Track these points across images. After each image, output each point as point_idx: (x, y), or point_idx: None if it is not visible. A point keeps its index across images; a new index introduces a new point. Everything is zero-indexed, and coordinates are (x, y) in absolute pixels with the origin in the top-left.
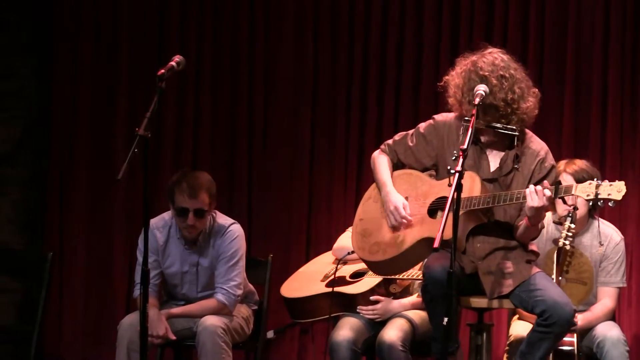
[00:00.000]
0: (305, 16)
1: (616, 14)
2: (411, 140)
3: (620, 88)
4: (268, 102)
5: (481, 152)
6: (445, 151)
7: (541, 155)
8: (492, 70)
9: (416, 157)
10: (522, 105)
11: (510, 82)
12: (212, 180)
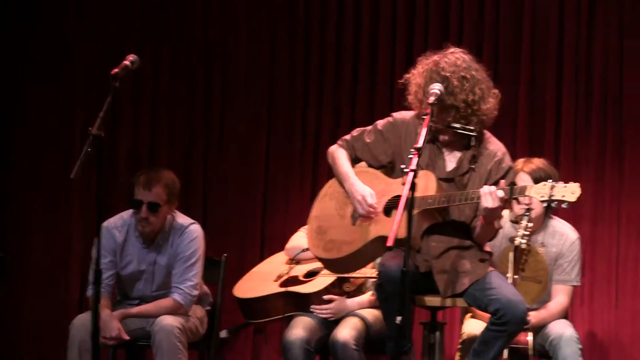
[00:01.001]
0: (260, 16)
1: (570, 13)
2: (369, 137)
3: (574, 86)
4: (224, 102)
5: (438, 152)
6: (402, 149)
7: (498, 156)
8: (454, 71)
9: (373, 153)
10: (482, 106)
11: (471, 83)
12: (174, 178)
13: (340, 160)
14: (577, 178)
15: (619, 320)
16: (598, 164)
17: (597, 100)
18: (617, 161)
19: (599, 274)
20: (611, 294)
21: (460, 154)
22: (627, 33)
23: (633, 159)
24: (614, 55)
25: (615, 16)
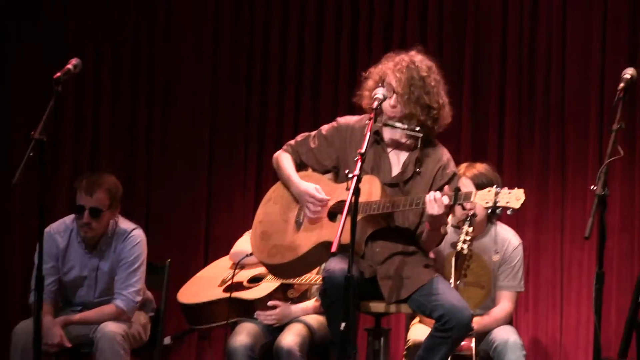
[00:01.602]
0: (205, 15)
1: (514, 17)
2: (313, 142)
3: (517, 91)
4: (167, 105)
5: (383, 154)
6: (347, 153)
7: (443, 162)
8: (431, 70)
9: (317, 158)
10: (443, 111)
11: (441, 86)
12: (116, 183)
13: (285, 164)
14: (521, 184)
15: (564, 326)
16: (541, 170)
17: (540, 106)
18: (560, 167)
19: (543, 280)
20: (556, 300)
21: (405, 157)
22: (569, 39)
23: (576, 165)
24: (557, 60)
25: (557, 22)
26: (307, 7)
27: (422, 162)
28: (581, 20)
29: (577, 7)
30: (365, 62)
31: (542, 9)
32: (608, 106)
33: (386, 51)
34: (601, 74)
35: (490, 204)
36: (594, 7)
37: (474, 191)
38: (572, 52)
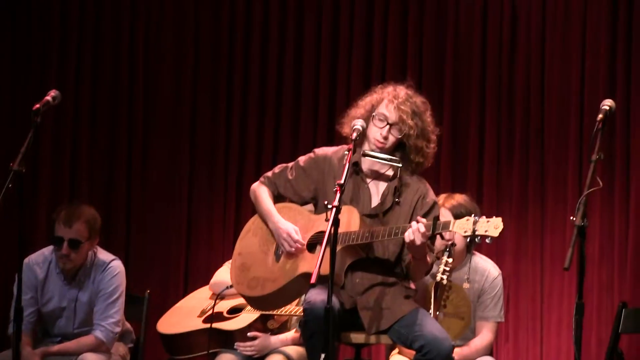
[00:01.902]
0: (185, 43)
1: (492, 47)
2: (291, 174)
3: (496, 121)
4: (146, 135)
5: (362, 184)
6: (325, 184)
7: (422, 191)
8: (426, 107)
9: (295, 189)
10: (433, 149)
11: (433, 122)
12: (95, 214)
13: (262, 197)
14: (500, 213)
15: (544, 357)
16: (521, 199)
17: (519, 136)
18: (540, 196)
19: (523, 310)
20: (536, 330)
21: (384, 188)
22: (548, 68)
23: (555, 194)
24: (536, 90)
25: (536, 51)
26: (286, 40)
27: (401, 192)
28: (560, 49)
29: (556, 35)
30: (345, 93)
31: (521, 38)
32: (587, 135)
33: (365, 82)
34: (580, 104)
35: (468, 232)
36: (572, 35)
37: (453, 220)
38: (550, 83)
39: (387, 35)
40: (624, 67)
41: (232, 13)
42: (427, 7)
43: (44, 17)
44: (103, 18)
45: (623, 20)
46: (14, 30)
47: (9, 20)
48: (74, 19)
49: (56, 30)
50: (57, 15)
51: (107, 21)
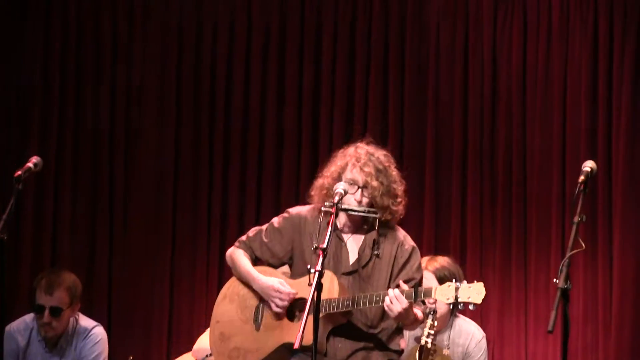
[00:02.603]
0: (168, 94)
1: (474, 101)
2: (266, 236)
3: (479, 180)
4: (127, 195)
5: (340, 242)
6: (302, 243)
7: (400, 239)
8: (389, 162)
9: (272, 251)
10: (405, 197)
11: (398, 174)
12: (76, 280)
13: (240, 261)
14: (483, 274)
15: None
16: (504, 261)
17: (502, 197)
18: (522, 258)
19: None
20: None
21: (362, 241)
22: (528, 128)
23: (538, 256)
24: (518, 150)
25: (518, 108)
26: (267, 91)
27: (379, 244)
28: (541, 108)
29: (537, 94)
30: (326, 146)
31: (502, 96)
32: (570, 196)
33: (347, 133)
34: (562, 164)
35: (451, 299)
36: (553, 95)
37: (434, 287)
38: (532, 143)
39: (369, 91)
40: (605, 127)
41: (213, 64)
42: (407, 63)
43: (24, 78)
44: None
45: (603, 79)
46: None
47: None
48: (55, 78)
49: (39, 89)
50: (39, 74)
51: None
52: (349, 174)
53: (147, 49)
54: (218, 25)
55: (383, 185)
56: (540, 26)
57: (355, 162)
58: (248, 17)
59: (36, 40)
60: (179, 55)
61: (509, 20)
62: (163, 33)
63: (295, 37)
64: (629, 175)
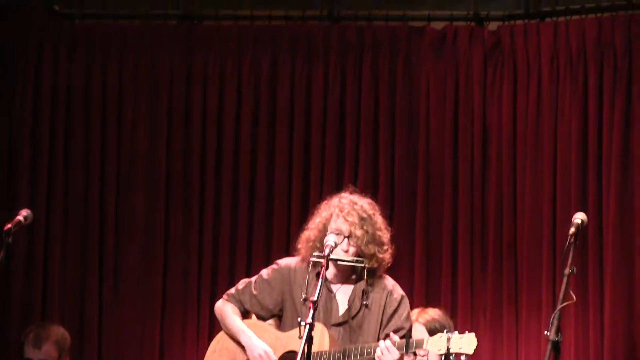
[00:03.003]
0: (159, 152)
1: (465, 157)
2: (255, 288)
3: (469, 234)
4: (119, 248)
5: (329, 294)
6: (292, 294)
7: (388, 289)
8: (373, 211)
9: (262, 304)
10: (386, 246)
11: (384, 223)
12: (64, 334)
13: (229, 315)
14: (475, 326)
15: None
16: (495, 312)
17: (492, 250)
18: (513, 309)
19: None
20: None
21: (351, 291)
22: (519, 182)
23: (529, 307)
24: (508, 202)
25: (508, 165)
26: (258, 148)
27: (368, 294)
28: (531, 163)
29: (527, 149)
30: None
31: (492, 152)
32: (560, 248)
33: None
34: (552, 217)
35: (443, 350)
36: (543, 150)
37: (426, 338)
38: (522, 196)
39: (359, 146)
40: (595, 179)
41: (203, 122)
42: (397, 119)
43: (14, 134)
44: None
45: (593, 133)
46: None
47: None
48: (44, 134)
49: (26, 146)
50: (27, 133)
51: (78, 138)
52: (334, 224)
53: (137, 111)
54: (207, 86)
55: (368, 233)
56: (530, 81)
57: (339, 212)
58: (238, 76)
59: (26, 99)
60: (169, 116)
61: (498, 75)
62: (152, 95)
63: (286, 94)
64: (619, 226)
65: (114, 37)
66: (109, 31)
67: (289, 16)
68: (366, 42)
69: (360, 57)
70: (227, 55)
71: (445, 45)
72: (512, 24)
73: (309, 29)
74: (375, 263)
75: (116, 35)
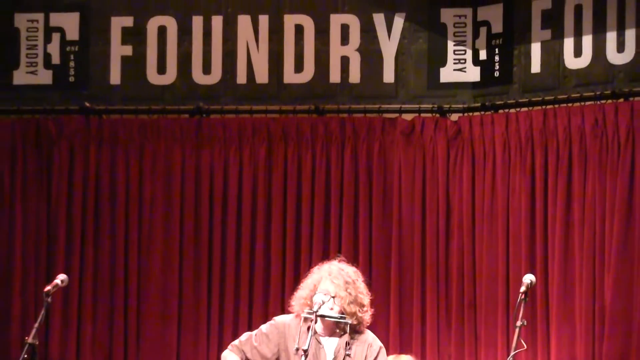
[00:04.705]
0: (171, 229)
1: (431, 231)
2: (255, 340)
3: (436, 295)
4: (140, 316)
5: (318, 343)
6: (287, 345)
7: (369, 341)
8: (357, 277)
9: (261, 353)
10: (364, 310)
11: (365, 287)
12: None
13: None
14: None
15: None
16: (458, 355)
17: (455, 308)
18: (474, 352)
19: None
20: None
21: (337, 342)
22: (477, 251)
23: (487, 350)
24: (468, 269)
25: (468, 237)
26: (257, 217)
27: (351, 345)
28: (488, 235)
29: (485, 223)
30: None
31: (455, 227)
32: (513, 304)
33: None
34: (506, 279)
35: None
36: (498, 222)
37: None
38: (480, 263)
39: (342, 219)
40: (542, 247)
41: (210, 205)
42: (374, 199)
43: (52, 214)
44: (101, 214)
45: (539, 208)
46: (25, 216)
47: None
48: (77, 213)
49: (62, 223)
50: (63, 213)
51: (105, 215)
52: (323, 285)
53: (155, 191)
54: (214, 169)
55: (351, 295)
56: (486, 163)
57: (328, 275)
58: (239, 160)
59: (61, 184)
60: (181, 193)
61: (459, 158)
62: (167, 177)
63: (280, 175)
64: (562, 285)
65: (135, 129)
66: (130, 125)
67: (283, 110)
68: (347, 131)
69: (342, 144)
70: (231, 143)
71: (414, 133)
72: (470, 115)
73: (298, 121)
74: (356, 321)
75: (137, 128)
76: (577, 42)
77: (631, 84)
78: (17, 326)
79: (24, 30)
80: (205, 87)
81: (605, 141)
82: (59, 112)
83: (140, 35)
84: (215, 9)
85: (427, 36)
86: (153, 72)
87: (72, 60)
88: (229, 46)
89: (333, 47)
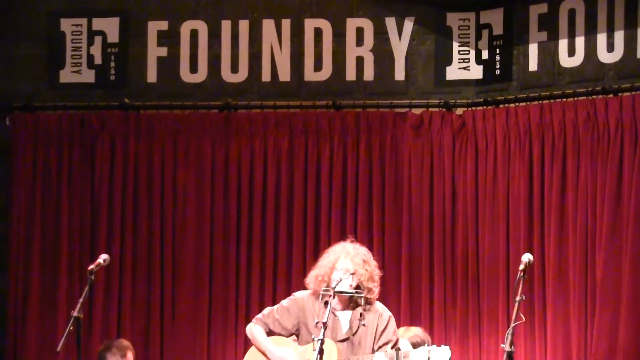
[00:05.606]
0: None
1: (438, 215)
2: (277, 313)
3: (442, 271)
4: (175, 293)
5: (334, 316)
6: (306, 318)
7: (379, 311)
8: (370, 257)
9: (282, 325)
10: (376, 285)
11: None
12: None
13: (259, 336)
14: (447, 341)
15: None
16: (462, 331)
17: (460, 281)
18: (477, 329)
19: None
20: None
21: (351, 315)
22: (480, 232)
23: (489, 327)
24: (472, 248)
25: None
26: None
27: (364, 316)
28: (490, 217)
29: (487, 207)
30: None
31: (459, 209)
32: (512, 281)
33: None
34: (506, 257)
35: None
36: (499, 207)
37: (410, 351)
38: (483, 243)
39: (358, 208)
40: (539, 229)
41: (238, 194)
42: (387, 187)
43: (95, 200)
44: (139, 201)
45: (537, 193)
46: (70, 202)
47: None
48: (117, 200)
49: (104, 209)
50: (105, 199)
51: (143, 202)
52: (342, 264)
53: (187, 179)
54: (241, 161)
55: (367, 272)
56: (488, 153)
57: (347, 254)
58: (264, 152)
59: (104, 174)
60: (212, 184)
61: (464, 149)
62: (199, 168)
63: (301, 166)
64: (557, 264)
65: (170, 123)
66: (165, 119)
67: (303, 106)
68: (362, 125)
69: (357, 136)
70: (256, 135)
71: (422, 126)
72: (474, 110)
73: (318, 116)
74: (370, 294)
75: (171, 122)
76: (571, 43)
77: (620, 81)
78: (63, 301)
79: (69, 34)
80: (233, 84)
81: (596, 133)
82: (100, 107)
83: (174, 37)
84: (242, 13)
85: (434, 38)
86: (186, 72)
87: (113, 60)
88: (255, 47)
89: (349, 48)
